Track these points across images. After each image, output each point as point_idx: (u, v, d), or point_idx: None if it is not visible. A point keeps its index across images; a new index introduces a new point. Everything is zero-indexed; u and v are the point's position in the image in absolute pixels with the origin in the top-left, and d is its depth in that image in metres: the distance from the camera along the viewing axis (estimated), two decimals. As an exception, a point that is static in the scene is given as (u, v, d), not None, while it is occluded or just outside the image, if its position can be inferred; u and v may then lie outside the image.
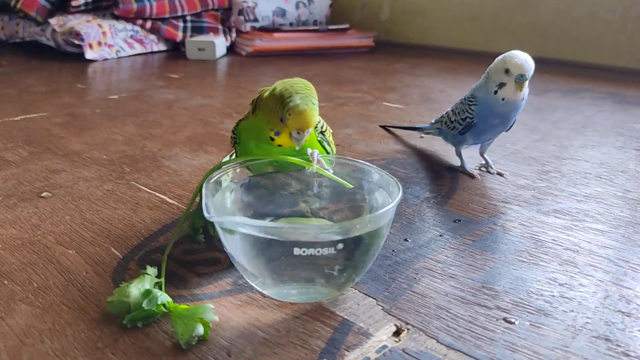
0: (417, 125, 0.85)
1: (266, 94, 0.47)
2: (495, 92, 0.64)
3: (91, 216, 0.58)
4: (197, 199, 0.51)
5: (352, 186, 0.48)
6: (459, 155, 0.73)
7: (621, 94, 1.20)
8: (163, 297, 0.41)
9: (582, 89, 1.26)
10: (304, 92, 0.44)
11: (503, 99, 0.64)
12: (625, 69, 1.47)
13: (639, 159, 0.78)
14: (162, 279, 0.43)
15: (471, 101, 0.67)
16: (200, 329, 0.38)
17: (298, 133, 0.44)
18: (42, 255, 0.50)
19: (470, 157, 0.76)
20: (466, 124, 0.68)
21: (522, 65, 0.62)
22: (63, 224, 0.56)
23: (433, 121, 0.76)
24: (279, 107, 0.44)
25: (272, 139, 0.47)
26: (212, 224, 0.50)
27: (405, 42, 1.95)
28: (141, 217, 0.58)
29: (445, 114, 0.73)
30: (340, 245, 0.40)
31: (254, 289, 0.44)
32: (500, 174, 0.71)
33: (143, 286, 0.41)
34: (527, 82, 0.63)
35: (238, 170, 0.49)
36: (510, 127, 0.69)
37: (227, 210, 0.47)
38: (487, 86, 0.65)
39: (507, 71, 0.63)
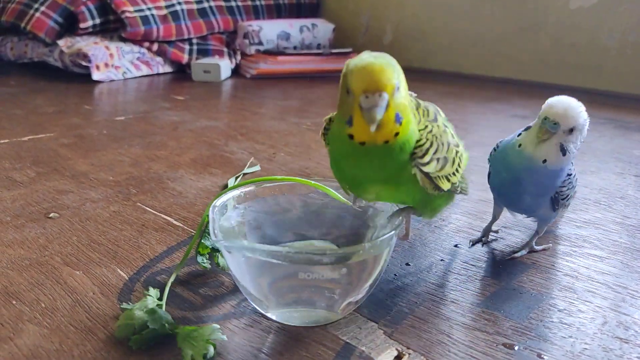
0: None
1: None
2: (519, 135, 0.52)
3: (98, 237, 0.59)
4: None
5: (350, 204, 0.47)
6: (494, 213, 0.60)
7: (621, 120, 1.22)
8: (167, 317, 0.41)
9: (582, 114, 1.28)
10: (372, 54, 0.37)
11: (520, 146, 0.51)
12: (625, 94, 1.49)
13: (638, 185, 0.79)
14: (164, 302, 0.44)
15: (497, 147, 0.56)
16: (211, 350, 0.38)
17: (367, 98, 0.35)
18: (50, 276, 0.50)
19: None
20: (489, 171, 0.57)
21: (553, 107, 0.49)
22: (70, 245, 0.57)
23: None
24: (344, 78, 0.37)
25: (351, 137, 0.38)
26: (216, 252, 0.51)
27: (407, 66, 1.97)
28: (147, 238, 0.59)
29: None
30: (344, 270, 0.40)
31: (257, 311, 0.45)
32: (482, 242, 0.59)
33: (146, 307, 0.42)
34: (554, 139, 0.49)
35: (244, 193, 0.50)
36: (528, 211, 0.55)
37: (233, 234, 0.48)
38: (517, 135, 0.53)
39: (540, 115, 0.50)
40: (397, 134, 0.38)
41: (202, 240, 0.51)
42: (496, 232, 0.61)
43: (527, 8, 1.65)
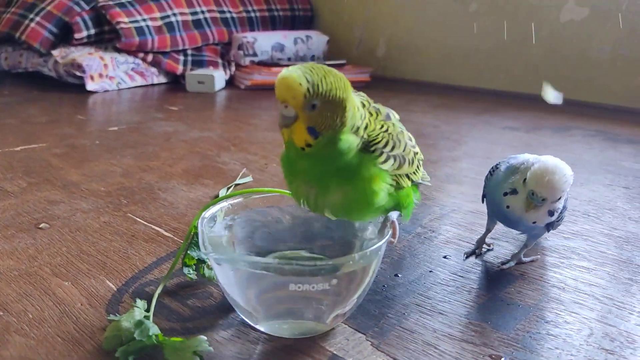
0: None
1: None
2: (505, 194, 0.52)
3: (87, 248, 0.59)
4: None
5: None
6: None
7: (610, 132, 1.23)
8: (154, 328, 0.41)
9: (572, 126, 1.29)
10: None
11: (508, 207, 0.52)
12: (615, 106, 1.51)
13: (627, 197, 0.79)
14: (151, 313, 0.44)
15: (493, 171, 0.56)
16: None
17: (284, 106, 0.39)
18: (38, 287, 0.50)
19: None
20: (483, 193, 0.59)
21: (539, 182, 0.49)
22: (59, 256, 0.57)
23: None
24: None
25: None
26: (202, 263, 0.51)
27: (400, 78, 1.99)
28: (136, 249, 0.59)
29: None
30: (334, 281, 0.41)
31: (245, 322, 0.45)
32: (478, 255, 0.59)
33: (133, 318, 0.42)
34: (543, 208, 0.50)
35: (233, 205, 0.50)
36: (522, 231, 0.57)
37: (223, 246, 0.48)
38: (505, 180, 0.53)
39: (524, 180, 0.50)
40: (309, 145, 0.40)
41: (189, 251, 0.51)
42: (489, 245, 0.61)
43: (519, 21, 1.67)
